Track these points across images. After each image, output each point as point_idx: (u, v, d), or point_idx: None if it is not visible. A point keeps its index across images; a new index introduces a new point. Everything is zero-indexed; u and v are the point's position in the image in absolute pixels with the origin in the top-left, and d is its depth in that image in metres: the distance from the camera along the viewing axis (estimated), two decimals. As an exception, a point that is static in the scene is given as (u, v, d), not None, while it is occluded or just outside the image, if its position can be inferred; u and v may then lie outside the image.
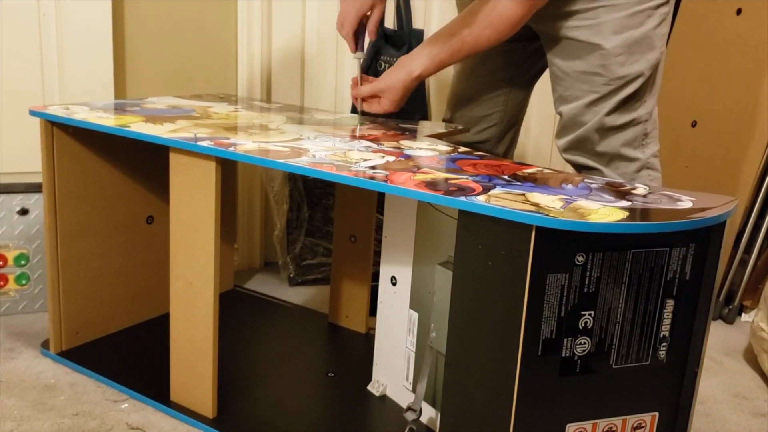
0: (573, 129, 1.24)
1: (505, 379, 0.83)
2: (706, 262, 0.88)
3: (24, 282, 1.51)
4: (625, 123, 1.22)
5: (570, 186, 0.94)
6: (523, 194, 0.87)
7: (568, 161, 1.30)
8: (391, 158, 1.03)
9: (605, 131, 1.22)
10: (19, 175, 1.56)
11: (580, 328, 0.85)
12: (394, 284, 1.19)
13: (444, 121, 1.51)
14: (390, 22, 1.81)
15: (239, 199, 1.83)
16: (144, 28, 1.68)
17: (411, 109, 1.38)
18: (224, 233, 1.35)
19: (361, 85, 1.36)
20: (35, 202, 1.50)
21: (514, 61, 1.40)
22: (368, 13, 1.32)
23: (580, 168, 1.28)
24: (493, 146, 1.47)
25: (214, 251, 1.09)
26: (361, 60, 1.40)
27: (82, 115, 1.20)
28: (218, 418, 1.15)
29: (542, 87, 1.47)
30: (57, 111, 1.21)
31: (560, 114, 1.26)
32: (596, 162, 1.25)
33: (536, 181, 0.95)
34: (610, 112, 1.20)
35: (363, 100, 1.36)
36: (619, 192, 0.93)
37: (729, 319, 1.77)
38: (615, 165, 1.25)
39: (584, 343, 0.86)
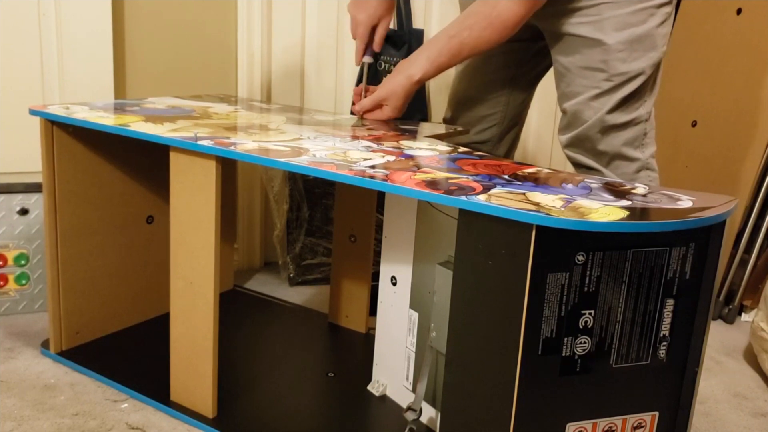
0: (575, 126, 1.25)
1: (505, 378, 0.83)
2: (706, 262, 0.88)
3: (24, 282, 1.51)
4: (625, 122, 1.22)
5: (570, 185, 0.94)
6: (524, 194, 0.87)
7: (568, 157, 1.30)
8: (391, 158, 1.03)
9: (606, 129, 1.22)
10: (19, 175, 1.57)
11: (581, 327, 0.85)
12: (394, 284, 1.19)
13: (445, 120, 1.51)
14: (390, 22, 1.81)
15: (239, 199, 1.83)
16: (144, 28, 1.68)
17: (411, 110, 1.38)
18: (224, 233, 1.35)
19: (365, 92, 1.36)
20: (35, 202, 1.50)
21: (515, 61, 1.40)
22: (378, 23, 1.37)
23: (580, 167, 1.29)
24: (494, 146, 1.47)
25: (214, 251, 1.09)
26: (368, 64, 1.41)
27: (82, 114, 1.19)
28: (218, 417, 1.15)
29: (543, 84, 1.47)
30: (57, 110, 1.21)
31: (564, 111, 1.26)
32: (596, 162, 1.25)
33: (536, 181, 0.95)
34: (611, 110, 1.20)
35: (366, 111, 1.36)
36: (619, 191, 0.93)
37: (729, 319, 1.77)
38: (615, 165, 1.25)
39: (584, 343, 0.86)
